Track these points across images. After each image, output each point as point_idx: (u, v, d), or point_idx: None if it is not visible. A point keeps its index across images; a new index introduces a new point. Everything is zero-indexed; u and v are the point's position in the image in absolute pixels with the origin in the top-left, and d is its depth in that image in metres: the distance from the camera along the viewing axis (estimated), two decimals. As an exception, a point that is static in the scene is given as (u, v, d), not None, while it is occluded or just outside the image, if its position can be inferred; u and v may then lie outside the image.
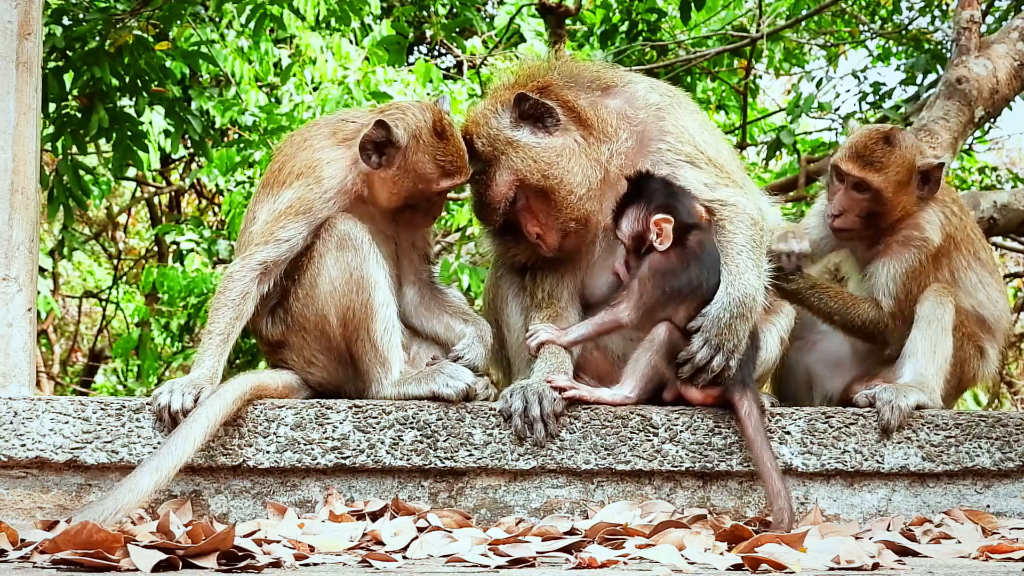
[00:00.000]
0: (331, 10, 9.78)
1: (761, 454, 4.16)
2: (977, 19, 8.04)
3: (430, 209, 4.52)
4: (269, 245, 4.34)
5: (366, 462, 4.21)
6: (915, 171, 4.80)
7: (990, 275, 4.94)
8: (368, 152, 4.35)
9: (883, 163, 4.78)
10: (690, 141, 4.48)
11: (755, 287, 4.30)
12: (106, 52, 7.75)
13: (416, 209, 4.49)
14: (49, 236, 13.60)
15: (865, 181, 4.78)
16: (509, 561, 3.39)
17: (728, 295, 4.26)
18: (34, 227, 4.60)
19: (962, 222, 4.93)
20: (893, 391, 4.44)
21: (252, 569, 3.24)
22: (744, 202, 4.44)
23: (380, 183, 4.41)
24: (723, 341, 4.22)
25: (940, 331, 4.69)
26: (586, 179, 4.41)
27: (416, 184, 4.40)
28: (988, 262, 4.96)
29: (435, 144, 4.38)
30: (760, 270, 4.37)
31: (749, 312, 4.27)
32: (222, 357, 4.27)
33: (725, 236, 4.37)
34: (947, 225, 4.84)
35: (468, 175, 4.47)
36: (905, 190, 4.79)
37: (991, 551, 3.68)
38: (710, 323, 4.23)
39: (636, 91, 4.56)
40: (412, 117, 4.41)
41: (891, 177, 4.77)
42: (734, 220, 4.39)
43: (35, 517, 4.09)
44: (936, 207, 4.86)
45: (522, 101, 4.41)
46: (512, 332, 4.69)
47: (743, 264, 4.32)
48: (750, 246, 4.36)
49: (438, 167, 4.39)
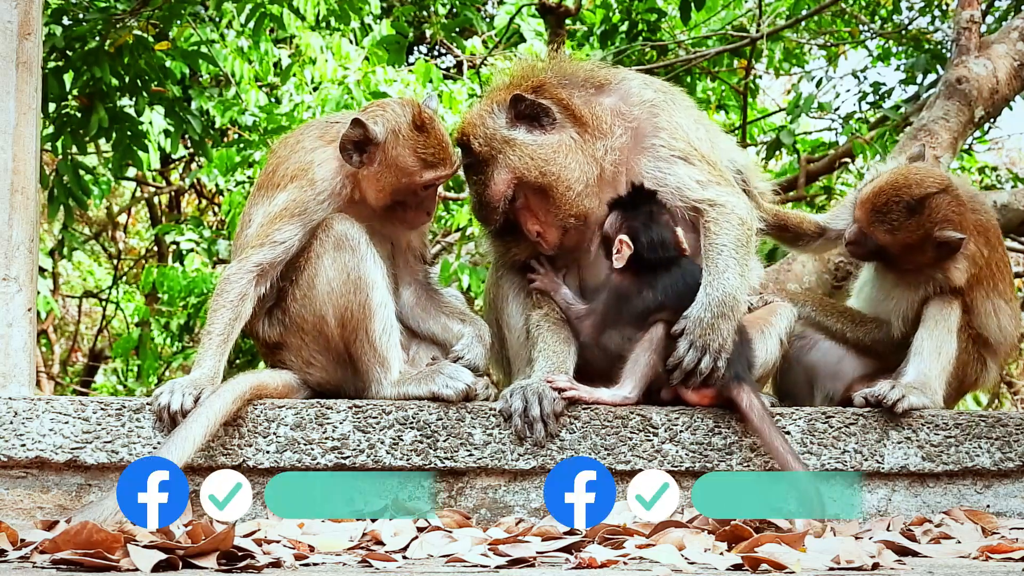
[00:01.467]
0: (331, 10, 9.78)
1: (772, 442, 4.17)
2: (977, 19, 8.04)
3: (421, 204, 4.48)
4: (265, 247, 4.34)
5: (366, 462, 4.21)
6: (932, 241, 4.64)
7: (1006, 303, 4.86)
8: (349, 152, 4.36)
9: (894, 226, 4.64)
10: (684, 137, 4.50)
11: (735, 286, 4.32)
12: (106, 52, 7.75)
13: (407, 206, 4.47)
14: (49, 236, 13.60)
15: (870, 235, 4.72)
16: (509, 561, 3.39)
17: (708, 295, 4.29)
18: (34, 227, 4.60)
19: (989, 258, 4.80)
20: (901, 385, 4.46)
21: (252, 569, 3.24)
22: (734, 201, 4.46)
23: (366, 182, 4.41)
24: (708, 342, 4.24)
25: (946, 332, 4.69)
26: (583, 175, 4.42)
27: (399, 179, 4.39)
28: (1006, 291, 4.87)
29: (415, 137, 4.38)
30: (743, 269, 4.39)
31: (731, 311, 4.29)
32: (222, 358, 4.27)
33: (709, 237, 4.41)
34: (972, 267, 4.74)
35: (453, 166, 4.45)
36: (917, 252, 4.68)
37: (991, 551, 3.68)
38: (693, 324, 4.26)
39: (630, 88, 4.58)
40: (391, 113, 4.43)
41: (900, 239, 4.67)
42: (719, 221, 4.42)
43: (35, 517, 4.09)
44: (963, 258, 4.70)
45: (518, 102, 4.44)
46: (512, 332, 4.69)
47: (723, 264, 4.34)
48: (733, 246, 4.39)
49: (419, 159, 4.38)
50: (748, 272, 4.43)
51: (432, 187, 4.47)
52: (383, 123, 4.39)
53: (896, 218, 4.64)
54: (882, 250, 4.76)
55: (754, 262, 4.53)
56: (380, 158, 4.38)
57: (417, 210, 4.50)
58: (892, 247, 4.71)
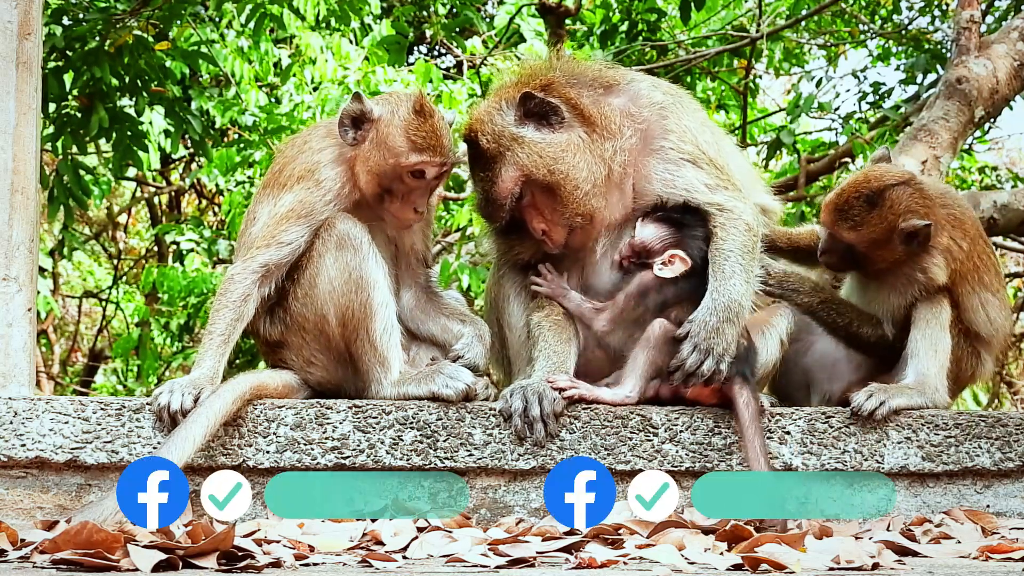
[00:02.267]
0: (331, 10, 9.78)
1: (751, 440, 4.18)
2: (977, 19, 8.04)
3: (408, 196, 4.40)
4: (271, 248, 4.34)
5: (366, 462, 4.21)
6: (898, 232, 4.63)
7: (993, 295, 4.85)
8: (345, 128, 4.37)
9: (856, 222, 4.66)
10: (692, 141, 4.50)
11: (741, 292, 4.33)
12: (106, 52, 7.75)
13: (393, 195, 4.40)
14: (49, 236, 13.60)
15: (837, 236, 4.73)
16: (509, 561, 3.39)
17: (714, 300, 4.30)
18: (34, 227, 4.60)
19: (970, 252, 4.79)
20: (883, 388, 4.47)
21: (252, 569, 3.24)
22: (741, 207, 4.46)
23: (359, 164, 4.39)
24: (712, 345, 4.24)
25: (939, 329, 4.69)
26: (591, 175, 4.42)
27: (387, 159, 4.34)
28: (992, 283, 4.86)
29: (411, 119, 4.36)
30: (749, 275, 4.40)
31: (736, 316, 4.31)
32: (222, 358, 4.27)
33: (716, 242, 4.41)
34: (952, 263, 4.73)
35: (443, 156, 4.38)
36: (885, 247, 4.68)
37: (991, 551, 3.68)
38: (698, 328, 4.27)
39: (640, 89, 4.57)
40: (395, 97, 4.45)
41: (865, 235, 4.68)
42: (727, 226, 4.43)
43: (35, 517, 4.09)
44: (938, 252, 4.71)
45: (528, 99, 4.42)
46: (513, 332, 4.69)
47: (730, 269, 4.36)
48: (739, 252, 4.39)
49: (408, 141, 4.34)
50: (753, 278, 4.44)
51: (421, 177, 4.39)
52: (384, 103, 4.40)
53: (858, 213, 4.66)
54: (853, 252, 4.75)
55: (758, 267, 4.53)
56: (372, 136, 4.36)
57: (404, 203, 4.42)
58: (860, 245, 4.71)
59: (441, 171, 4.44)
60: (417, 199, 4.44)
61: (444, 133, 4.40)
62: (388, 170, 4.36)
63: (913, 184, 4.73)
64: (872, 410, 4.38)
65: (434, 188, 4.51)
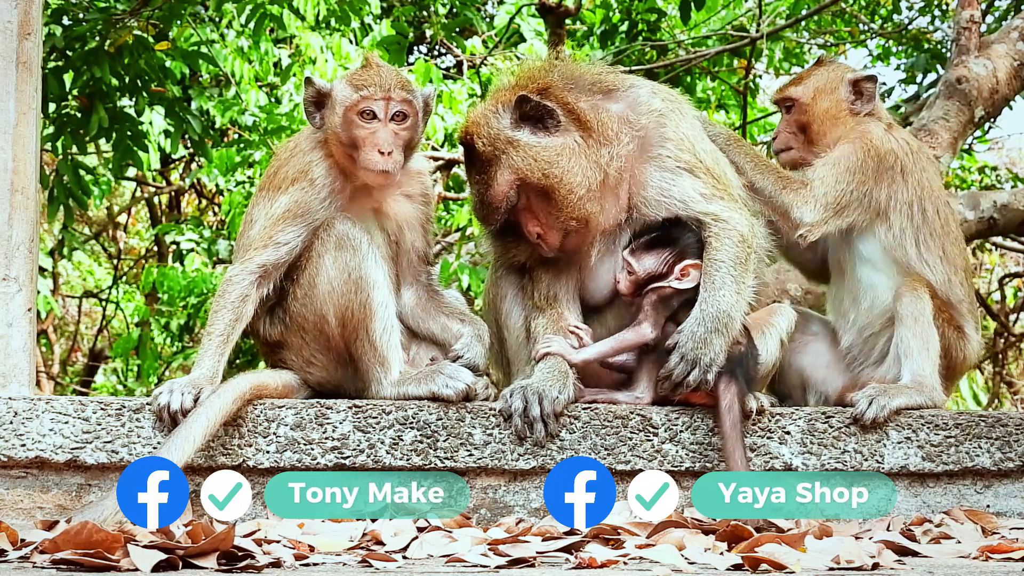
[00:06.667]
0: (331, 10, 9.78)
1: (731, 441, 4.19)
2: (977, 19, 8.03)
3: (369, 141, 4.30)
4: (268, 249, 4.35)
5: (366, 462, 4.21)
6: (843, 81, 4.93)
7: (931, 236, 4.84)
8: (311, 114, 4.45)
9: (803, 77, 5.05)
10: (690, 149, 4.48)
11: (730, 303, 4.32)
12: (106, 52, 7.74)
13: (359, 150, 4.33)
14: (49, 236, 13.59)
15: (789, 96, 5.01)
16: (509, 561, 3.39)
17: (702, 311, 4.30)
18: (34, 227, 4.60)
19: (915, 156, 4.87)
20: (882, 390, 4.47)
21: (252, 569, 3.24)
22: (736, 218, 4.45)
23: (332, 143, 4.43)
24: (699, 355, 4.24)
25: (926, 325, 4.71)
26: (586, 180, 4.40)
27: (341, 114, 4.36)
28: (934, 220, 4.85)
29: (355, 71, 4.50)
30: (740, 286, 4.37)
31: (724, 327, 4.29)
32: (222, 358, 4.28)
33: (709, 252, 4.39)
34: (892, 142, 4.84)
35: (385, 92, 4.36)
36: (830, 97, 4.94)
37: (991, 551, 3.68)
38: (686, 338, 4.27)
39: (639, 96, 4.55)
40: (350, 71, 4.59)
41: (811, 85, 4.98)
42: (721, 236, 4.41)
43: (35, 517, 4.09)
44: (880, 123, 4.92)
45: (523, 103, 4.41)
46: (512, 332, 4.69)
47: (720, 280, 4.34)
48: (731, 263, 4.37)
49: (352, 87, 4.39)
50: (745, 289, 4.41)
51: (373, 118, 4.33)
52: (339, 79, 4.51)
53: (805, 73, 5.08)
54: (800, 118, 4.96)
55: (751, 278, 4.50)
56: (329, 105, 4.42)
57: (367, 149, 4.32)
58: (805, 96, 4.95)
59: (389, 107, 4.37)
60: (380, 140, 4.35)
61: (387, 74, 4.44)
62: (344, 123, 4.37)
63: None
64: (874, 418, 4.39)
65: (401, 134, 4.39)
